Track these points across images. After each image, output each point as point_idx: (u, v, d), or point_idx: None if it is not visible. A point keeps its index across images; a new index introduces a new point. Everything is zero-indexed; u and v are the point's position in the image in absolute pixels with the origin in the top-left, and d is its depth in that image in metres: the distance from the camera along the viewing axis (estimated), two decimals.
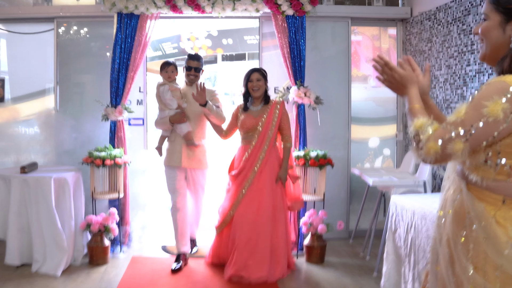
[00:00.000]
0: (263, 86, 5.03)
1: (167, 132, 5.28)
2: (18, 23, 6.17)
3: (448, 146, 1.72)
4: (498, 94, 1.68)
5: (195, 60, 5.24)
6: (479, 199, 1.82)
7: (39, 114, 6.18)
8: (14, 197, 4.96)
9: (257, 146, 4.95)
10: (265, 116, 4.98)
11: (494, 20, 1.88)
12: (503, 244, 1.72)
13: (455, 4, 4.94)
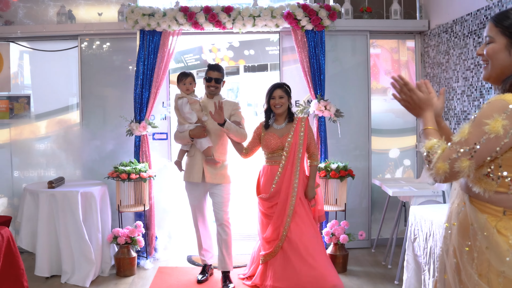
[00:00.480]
0: (286, 103, 4.97)
1: (187, 146, 5.25)
2: (42, 40, 6.57)
3: (455, 165, 1.99)
4: (498, 112, 1.94)
5: (215, 71, 5.12)
6: (481, 211, 2.09)
7: (64, 129, 6.51)
8: (42, 211, 5.30)
9: (288, 168, 4.87)
10: (291, 136, 4.91)
11: (500, 43, 2.12)
12: (505, 252, 1.99)
13: (471, 17, 5.20)
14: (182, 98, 5.09)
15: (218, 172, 5.13)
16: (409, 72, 6.65)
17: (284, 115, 5.04)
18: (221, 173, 5.15)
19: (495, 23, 2.15)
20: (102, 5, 6.55)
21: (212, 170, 5.09)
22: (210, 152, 5.05)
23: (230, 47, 7.79)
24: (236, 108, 5.20)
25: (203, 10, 5.82)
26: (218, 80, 5.13)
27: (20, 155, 6.57)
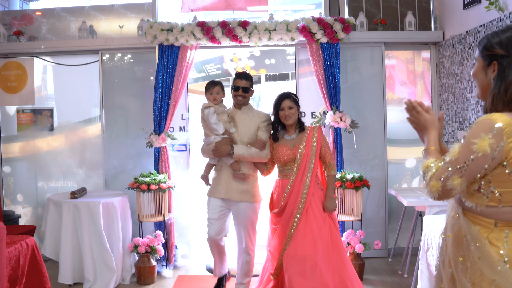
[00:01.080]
0: (296, 113, 4.73)
1: (214, 160, 4.98)
2: (65, 55, 6.81)
3: (447, 183, 2.11)
4: (485, 131, 2.06)
5: (243, 79, 4.87)
6: (474, 223, 2.21)
7: (86, 141, 6.73)
8: (65, 221, 5.49)
9: (298, 180, 4.61)
10: (303, 146, 4.66)
11: (479, 65, 2.29)
12: (496, 262, 2.11)
13: (483, 29, 5.29)
14: (209, 108, 4.82)
15: (245, 188, 4.83)
16: (424, 83, 6.75)
17: (295, 125, 4.77)
18: (247, 190, 4.85)
19: (478, 46, 2.32)
20: (122, 19, 6.77)
21: (238, 186, 4.81)
22: (238, 166, 4.80)
23: (251, 56, 7.88)
24: (265, 120, 4.92)
25: (220, 24, 6.00)
26: (246, 89, 4.88)
27: (44, 166, 6.80)
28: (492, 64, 2.21)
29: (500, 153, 2.06)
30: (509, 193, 2.13)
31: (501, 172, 2.11)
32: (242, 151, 4.69)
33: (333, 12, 6.65)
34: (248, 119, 4.88)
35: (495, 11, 4.98)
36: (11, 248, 3.74)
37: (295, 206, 4.55)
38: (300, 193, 4.57)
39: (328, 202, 4.65)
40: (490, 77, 2.23)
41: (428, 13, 6.67)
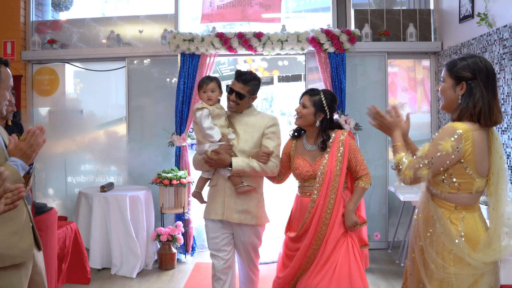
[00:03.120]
0: (310, 116, 3.86)
1: (209, 173, 4.18)
2: (93, 62, 7.47)
3: (417, 172, 2.76)
4: (449, 135, 2.71)
5: (240, 82, 4.01)
6: (439, 207, 2.87)
7: (112, 140, 7.38)
8: (95, 212, 6.12)
9: (320, 204, 3.78)
10: (326, 161, 3.81)
11: (448, 83, 2.89)
12: (454, 236, 2.76)
13: (475, 42, 5.86)
14: (202, 110, 3.98)
15: (245, 207, 4.02)
16: (424, 89, 7.33)
17: (313, 134, 3.94)
18: (248, 209, 4.03)
19: (446, 68, 2.92)
20: (146, 29, 7.42)
21: (236, 204, 4.01)
22: (239, 180, 3.98)
23: (264, 57, 8.21)
24: (272, 125, 4.09)
25: (237, 35, 6.63)
26: (240, 95, 4.00)
27: (73, 163, 7.47)
28: (461, 84, 2.81)
29: (459, 152, 2.70)
30: (465, 183, 2.76)
31: (459, 167, 2.75)
32: (242, 165, 3.91)
33: (340, 23, 7.25)
34: (251, 124, 4.06)
35: (485, 26, 5.55)
36: (59, 230, 4.40)
37: (314, 235, 3.78)
38: (321, 219, 3.76)
39: (346, 216, 3.79)
40: (458, 94, 2.83)
41: (429, 25, 7.24)
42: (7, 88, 2.85)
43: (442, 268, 2.74)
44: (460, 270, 2.70)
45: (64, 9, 7.88)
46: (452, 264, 2.72)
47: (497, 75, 5.16)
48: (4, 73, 2.82)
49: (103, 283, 5.73)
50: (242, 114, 4.13)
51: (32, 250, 2.87)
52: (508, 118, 5.11)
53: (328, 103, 3.85)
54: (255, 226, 4.09)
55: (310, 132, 3.96)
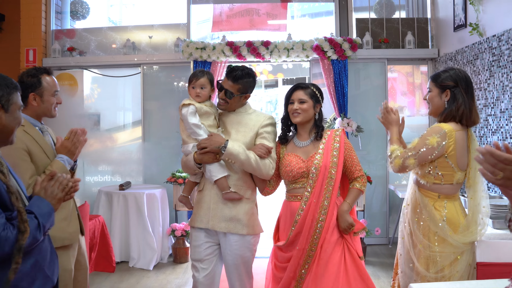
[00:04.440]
0: (310, 110, 3.62)
1: (196, 176, 3.85)
2: (110, 68, 7.94)
3: (406, 161, 3.27)
4: (435, 133, 3.23)
5: (229, 80, 3.64)
6: (425, 196, 3.39)
7: (128, 142, 7.85)
8: (115, 208, 6.60)
9: (313, 204, 3.48)
10: (320, 156, 3.54)
11: (435, 92, 3.42)
12: (438, 220, 3.28)
13: (468, 49, 6.31)
14: (188, 106, 3.65)
15: (234, 215, 3.62)
16: (422, 93, 7.76)
17: (308, 128, 3.68)
18: (237, 217, 3.62)
19: (432, 79, 3.45)
20: (160, 37, 7.91)
21: (224, 211, 3.61)
22: (226, 184, 3.60)
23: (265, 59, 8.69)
24: (268, 125, 3.73)
25: (246, 44, 7.10)
26: (230, 94, 3.64)
27: (91, 163, 7.93)
28: (446, 91, 3.35)
29: (443, 148, 3.21)
30: (448, 175, 3.29)
31: (443, 160, 3.26)
32: (237, 149, 3.50)
33: (343, 32, 7.72)
34: (244, 123, 3.72)
35: (476, 35, 5.99)
36: (90, 222, 4.87)
37: (308, 239, 3.45)
38: (315, 221, 3.45)
39: (339, 218, 3.50)
40: (444, 100, 3.37)
41: (426, 33, 7.68)
42: (52, 94, 3.34)
43: (428, 248, 3.25)
44: (443, 249, 3.21)
45: (81, 18, 8.34)
46: (437, 244, 3.23)
47: (487, 81, 5.66)
48: (47, 81, 3.33)
49: (122, 275, 6.19)
50: (235, 112, 3.77)
51: (78, 234, 3.40)
52: (497, 120, 5.55)
53: (320, 94, 3.67)
54: (246, 237, 3.63)
55: (304, 128, 3.67)
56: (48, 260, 2.42)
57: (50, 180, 2.38)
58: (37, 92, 3.28)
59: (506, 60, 5.32)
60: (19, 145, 2.99)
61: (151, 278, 6.13)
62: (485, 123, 5.80)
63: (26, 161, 3.10)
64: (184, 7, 7.81)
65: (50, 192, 2.34)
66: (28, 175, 3.06)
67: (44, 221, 2.25)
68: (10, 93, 2.32)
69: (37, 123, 3.35)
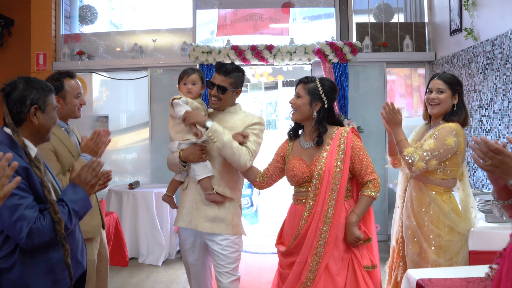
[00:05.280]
0: (305, 108, 3.38)
1: (181, 175, 3.84)
2: (118, 71, 8.22)
3: (428, 164, 3.47)
4: (450, 132, 3.48)
5: (221, 74, 3.60)
6: (431, 190, 3.63)
7: (137, 143, 8.13)
8: (125, 207, 6.87)
9: (317, 212, 3.25)
10: (324, 159, 3.30)
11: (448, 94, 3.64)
12: (447, 212, 3.54)
13: (463, 53, 6.59)
14: (179, 99, 3.64)
15: (217, 214, 3.58)
16: (420, 95, 8.05)
17: (309, 128, 3.45)
18: (221, 217, 3.59)
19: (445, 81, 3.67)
20: (167, 41, 8.19)
21: (207, 211, 3.58)
22: (209, 185, 3.55)
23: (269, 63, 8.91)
24: (255, 124, 3.65)
25: (250, 48, 7.39)
26: (222, 88, 3.58)
27: None
28: (456, 95, 3.65)
29: (457, 146, 3.48)
30: (454, 171, 3.58)
31: (454, 157, 3.54)
32: (220, 129, 3.42)
33: (343, 36, 8.00)
34: (232, 123, 3.65)
35: (471, 40, 6.27)
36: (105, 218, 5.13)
37: (311, 251, 3.23)
38: (318, 231, 3.22)
39: (346, 230, 3.25)
40: (453, 103, 3.65)
41: (423, 37, 7.96)
42: (74, 96, 3.59)
43: (438, 237, 3.53)
44: (452, 237, 3.52)
45: (89, 23, 8.59)
46: (446, 233, 3.52)
47: (481, 83, 5.95)
48: (69, 84, 3.58)
49: (132, 270, 6.46)
50: (225, 112, 3.71)
51: (100, 228, 3.70)
52: (491, 121, 5.83)
53: (326, 90, 3.36)
54: (232, 237, 3.61)
55: (307, 127, 3.45)
56: (80, 248, 2.70)
57: (84, 167, 2.62)
58: (60, 95, 3.52)
59: (499, 64, 5.61)
60: (46, 145, 3.22)
61: (160, 273, 6.40)
62: (480, 124, 6.08)
63: (52, 160, 3.35)
64: (190, 12, 8.09)
65: (84, 178, 2.57)
66: (54, 173, 3.31)
67: (75, 206, 2.49)
68: (45, 95, 2.57)
69: (63, 124, 3.60)
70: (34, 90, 2.53)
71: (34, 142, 2.59)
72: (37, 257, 2.43)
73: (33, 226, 2.30)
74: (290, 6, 8.00)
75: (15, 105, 2.50)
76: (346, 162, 3.27)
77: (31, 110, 2.50)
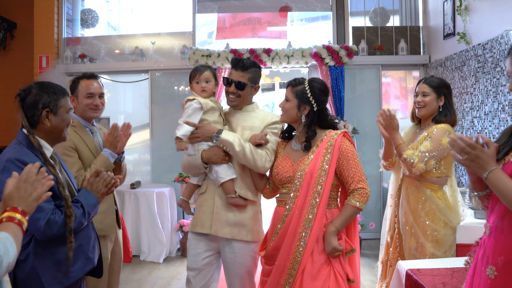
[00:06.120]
0: (290, 110, 3.29)
1: (198, 178, 3.67)
2: (119, 74, 8.44)
3: (427, 164, 3.70)
4: (444, 133, 3.72)
5: (238, 70, 3.49)
6: (427, 187, 3.86)
7: (138, 144, 8.34)
8: (127, 206, 7.09)
9: (295, 216, 3.11)
10: (309, 161, 3.18)
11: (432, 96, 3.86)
12: (442, 208, 3.80)
13: (456, 56, 6.83)
14: (192, 101, 3.50)
15: (238, 219, 3.46)
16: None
17: (299, 131, 3.36)
18: (243, 222, 3.47)
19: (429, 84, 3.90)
20: (167, 45, 8.42)
21: (228, 216, 3.44)
22: (232, 188, 3.43)
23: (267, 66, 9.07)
24: (273, 123, 3.55)
25: (249, 51, 7.62)
26: (241, 85, 3.48)
27: None
28: (441, 97, 3.87)
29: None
30: (448, 169, 3.84)
31: (448, 156, 3.76)
32: (232, 138, 3.35)
33: (340, 39, 8.23)
34: (250, 122, 3.56)
35: (463, 43, 6.51)
36: None
37: (289, 255, 3.10)
38: (297, 235, 3.09)
39: (325, 240, 3.10)
40: (439, 104, 3.88)
41: (418, 40, 8.19)
42: (84, 96, 3.77)
43: (435, 232, 3.79)
44: (446, 231, 3.80)
45: (90, 26, 8.81)
46: (442, 228, 3.78)
47: (473, 86, 6.18)
48: (82, 84, 3.81)
49: (134, 267, 6.68)
50: (242, 111, 3.60)
51: (113, 227, 3.93)
52: (482, 122, 6.05)
53: (315, 93, 3.23)
54: (250, 244, 3.47)
55: (298, 130, 3.35)
56: (91, 244, 2.91)
57: (96, 177, 2.87)
58: (74, 94, 3.80)
59: (490, 67, 5.84)
60: (67, 143, 3.45)
61: (161, 270, 6.61)
62: (471, 125, 6.31)
63: (73, 157, 3.58)
64: (190, 16, 8.31)
65: (96, 187, 2.83)
66: (75, 169, 3.53)
67: (89, 209, 2.74)
68: (57, 98, 2.77)
69: (88, 124, 3.85)
70: (46, 94, 2.73)
71: (50, 142, 2.81)
72: (48, 249, 2.63)
73: (50, 217, 2.52)
74: (287, 10, 8.23)
75: (29, 109, 2.71)
76: (332, 165, 3.11)
77: (43, 113, 2.71)
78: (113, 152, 3.73)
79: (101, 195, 2.86)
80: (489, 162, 2.09)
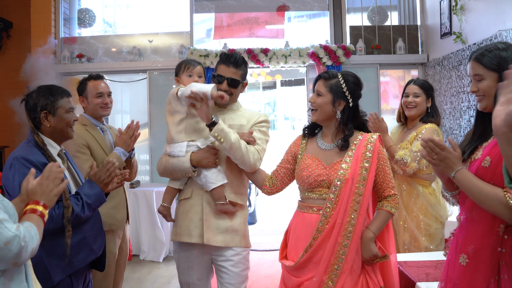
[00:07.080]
0: (324, 106, 3.06)
1: (179, 182, 3.45)
2: (117, 74, 8.65)
3: (420, 163, 3.94)
4: (433, 132, 3.98)
5: (231, 66, 3.34)
6: (419, 184, 4.11)
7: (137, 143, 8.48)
8: None
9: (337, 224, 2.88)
10: (348, 164, 2.96)
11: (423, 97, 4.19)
12: (434, 203, 4.05)
13: (453, 56, 7.06)
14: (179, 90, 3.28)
15: (229, 225, 3.32)
16: None
17: (332, 129, 3.12)
18: (235, 227, 3.34)
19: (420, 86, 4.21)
20: (164, 45, 8.65)
21: (219, 222, 3.29)
22: (223, 194, 3.27)
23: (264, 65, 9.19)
24: (262, 122, 3.44)
25: (246, 51, 7.82)
26: (235, 82, 3.34)
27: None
28: (429, 98, 4.16)
29: None
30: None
31: None
32: (227, 129, 3.14)
33: (337, 39, 8.43)
34: (237, 121, 3.42)
35: (460, 43, 6.74)
36: None
37: (327, 268, 2.88)
38: (337, 246, 2.87)
39: (363, 246, 2.94)
40: (427, 105, 4.17)
41: (416, 39, 8.39)
42: (94, 96, 4.07)
43: (428, 226, 4.07)
44: (437, 226, 4.08)
45: (88, 26, 8.97)
46: (434, 222, 4.07)
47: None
48: (90, 85, 4.11)
49: (134, 266, 6.89)
50: (227, 109, 3.43)
51: (124, 222, 4.15)
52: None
53: (350, 87, 3.08)
54: (245, 250, 3.38)
55: (328, 128, 3.13)
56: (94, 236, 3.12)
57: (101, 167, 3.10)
58: (83, 95, 4.09)
59: None
60: (79, 140, 3.76)
61: (161, 269, 6.81)
62: (468, 124, 6.52)
63: (84, 154, 3.84)
64: (187, 16, 8.52)
65: (98, 176, 3.06)
66: (87, 165, 3.77)
67: (89, 200, 2.94)
68: (55, 100, 3.04)
69: (99, 123, 4.15)
70: (43, 97, 3.01)
71: (57, 141, 3.09)
72: (54, 240, 2.85)
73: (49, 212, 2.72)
74: (285, 9, 8.43)
75: (30, 111, 3.01)
76: (371, 172, 2.93)
77: (42, 115, 2.99)
78: (125, 151, 3.99)
79: (104, 185, 3.07)
80: (456, 162, 2.34)
